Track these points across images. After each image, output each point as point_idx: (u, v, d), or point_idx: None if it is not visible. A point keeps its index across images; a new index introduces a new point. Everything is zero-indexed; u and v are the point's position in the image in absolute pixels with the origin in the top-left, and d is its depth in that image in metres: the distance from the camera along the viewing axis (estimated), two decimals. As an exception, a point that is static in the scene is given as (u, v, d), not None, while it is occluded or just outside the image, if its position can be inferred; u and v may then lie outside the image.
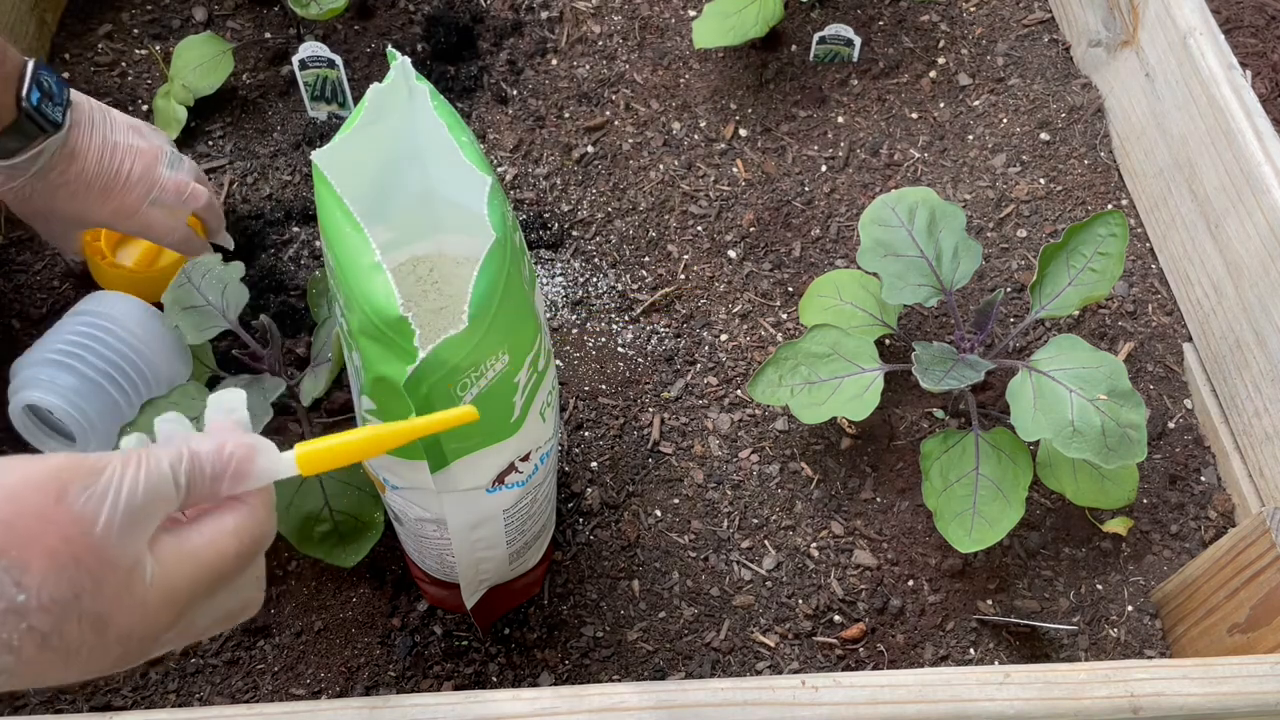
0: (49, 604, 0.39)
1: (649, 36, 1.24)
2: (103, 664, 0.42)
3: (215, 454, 0.46)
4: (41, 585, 0.39)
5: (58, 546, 0.40)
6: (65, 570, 0.40)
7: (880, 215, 0.94)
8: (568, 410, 0.98)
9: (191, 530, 0.46)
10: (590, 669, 0.86)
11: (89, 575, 0.40)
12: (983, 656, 0.87)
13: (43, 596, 0.39)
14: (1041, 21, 1.24)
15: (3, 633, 0.38)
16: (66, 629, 0.40)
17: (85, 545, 0.40)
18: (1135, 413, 0.82)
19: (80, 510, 0.41)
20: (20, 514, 0.39)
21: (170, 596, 0.44)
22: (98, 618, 0.41)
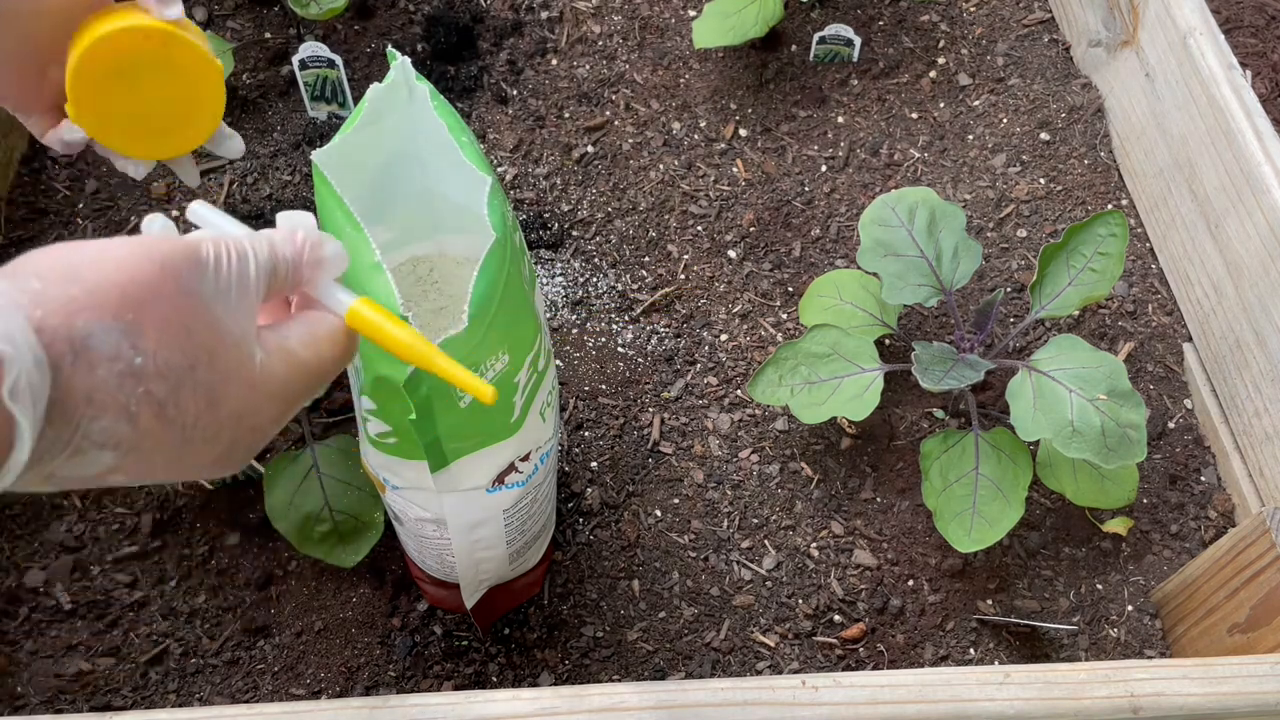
0: (165, 369, 0.40)
1: (649, 36, 1.24)
2: (214, 449, 0.43)
3: (289, 239, 0.47)
4: (157, 349, 0.40)
5: (170, 315, 0.40)
6: (179, 338, 0.40)
7: (880, 215, 0.94)
8: (568, 410, 0.98)
9: (287, 328, 0.47)
10: (590, 669, 0.86)
11: (202, 346, 0.41)
12: (983, 656, 0.87)
13: (159, 361, 0.40)
14: (1041, 21, 1.24)
15: (121, 396, 0.39)
16: (182, 398, 0.41)
17: (196, 316, 0.41)
18: (1135, 413, 0.82)
19: (186, 282, 0.41)
20: (133, 281, 0.40)
21: (275, 387, 0.45)
22: (211, 391, 0.42)
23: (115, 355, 0.38)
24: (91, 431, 0.39)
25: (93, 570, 0.89)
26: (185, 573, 0.89)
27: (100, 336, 0.38)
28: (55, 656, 0.85)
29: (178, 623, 0.87)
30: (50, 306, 0.38)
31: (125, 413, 0.39)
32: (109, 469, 0.40)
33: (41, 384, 0.37)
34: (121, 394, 0.39)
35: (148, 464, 0.41)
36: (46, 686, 0.84)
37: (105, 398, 0.38)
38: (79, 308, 0.38)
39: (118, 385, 0.39)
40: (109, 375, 0.38)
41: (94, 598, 0.87)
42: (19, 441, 0.37)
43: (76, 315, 0.38)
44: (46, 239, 1.07)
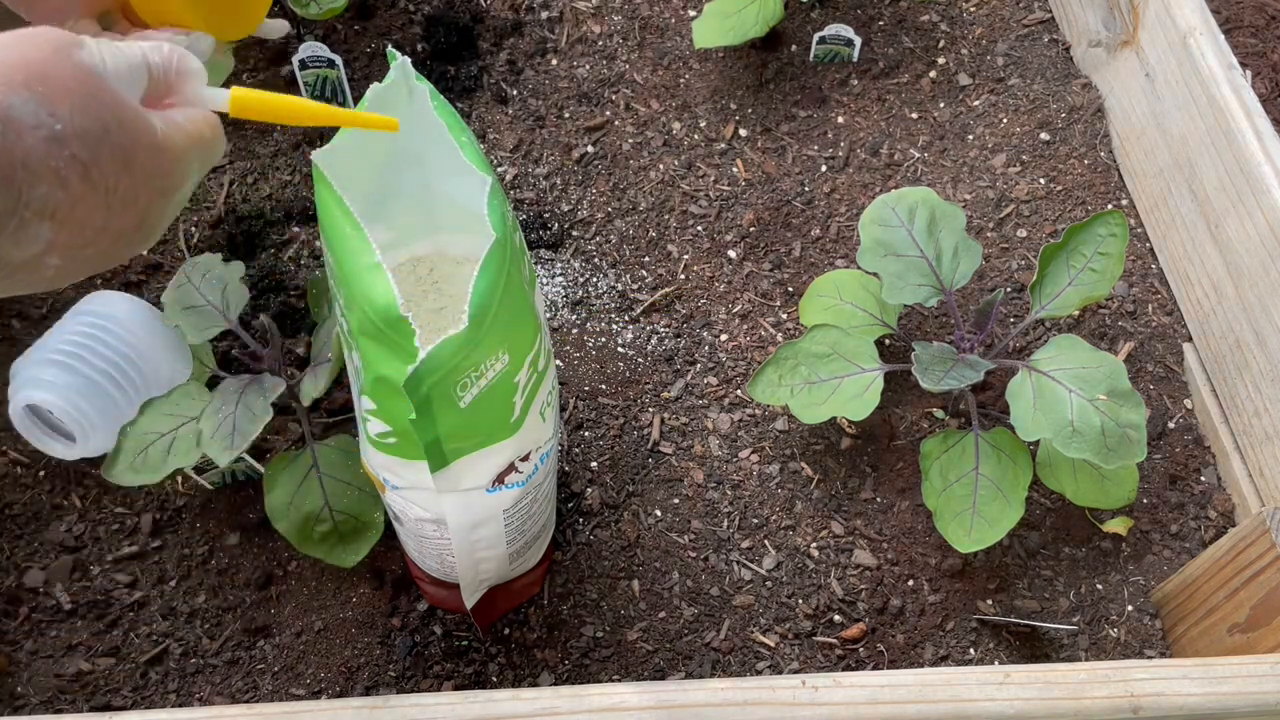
0: (82, 133, 0.43)
1: (649, 36, 1.24)
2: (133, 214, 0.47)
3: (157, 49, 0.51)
4: (72, 115, 0.43)
5: (73, 86, 0.43)
6: (89, 104, 0.44)
7: (880, 215, 0.94)
8: (568, 410, 0.98)
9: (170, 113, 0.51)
10: (590, 669, 0.86)
11: (109, 110, 0.45)
12: (983, 656, 0.87)
13: (75, 126, 0.43)
14: (1041, 21, 1.24)
15: (50, 161, 0.42)
16: (102, 159, 0.44)
17: (96, 86, 0.45)
18: (1135, 413, 0.82)
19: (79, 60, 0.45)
20: (33, 58, 0.43)
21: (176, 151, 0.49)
22: (125, 153, 0.45)
23: (37, 123, 0.42)
24: (31, 199, 0.42)
25: (92, 570, 0.89)
26: (185, 573, 0.89)
27: (20, 106, 0.41)
28: (55, 657, 0.85)
29: (177, 623, 0.87)
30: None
31: (57, 177, 0.42)
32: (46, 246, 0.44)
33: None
34: (50, 159, 0.42)
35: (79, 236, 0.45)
36: (46, 687, 0.84)
37: (37, 164, 0.42)
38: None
39: (45, 151, 0.42)
40: (35, 141, 0.42)
41: (94, 598, 0.87)
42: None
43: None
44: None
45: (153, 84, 0.51)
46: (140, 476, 0.82)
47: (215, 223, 1.09)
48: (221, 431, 0.80)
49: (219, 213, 1.09)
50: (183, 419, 0.83)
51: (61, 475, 0.93)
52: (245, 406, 0.81)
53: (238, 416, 0.81)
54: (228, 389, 0.83)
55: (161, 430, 0.83)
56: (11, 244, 0.42)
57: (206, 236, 1.08)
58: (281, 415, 0.95)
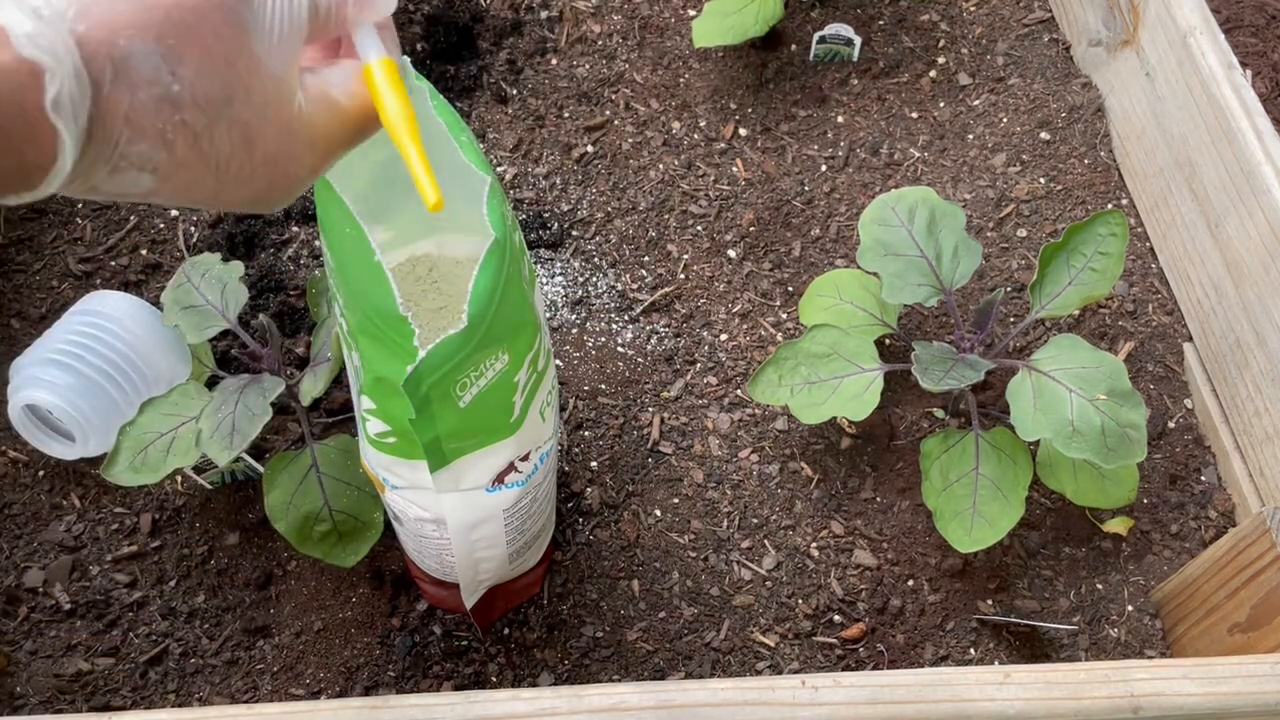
0: (202, 100, 0.40)
1: (649, 36, 1.24)
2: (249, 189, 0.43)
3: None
4: (196, 78, 0.39)
5: (212, 43, 0.40)
6: (218, 68, 0.40)
7: (880, 215, 0.94)
8: (567, 410, 0.98)
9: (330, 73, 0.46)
10: (590, 669, 0.85)
11: (240, 80, 0.41)
12: (983, 656, 0.87)
13: (196, 90, 0.39)
14: (1041, 21, 1.24)
15: (158, 121, 0.39)
16: (217, 133, 0.41)
17: (237, 47, 0.41)
18: (1135, 412, 0.82)
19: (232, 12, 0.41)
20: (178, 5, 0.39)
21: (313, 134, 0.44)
22: (247, 129, 0.41)
23: (153, 79, 0.38)
24: (130, 154, 0.39)
25: (92, 570, 0.89)
26: (184, 573, 0.89)
27: (140, 58, 0.38)
28: (54, 657, 0.85)
29: (177, 623, 0.87)
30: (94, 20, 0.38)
31: (162, 139, 0.39)
32: (148, 191, 0.41)
33: (82, 99, 0.37)
34: (159, 119, 0.39)
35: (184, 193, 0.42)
36: (46, 687, 0.83)
37: (143, 121, 0.39)
38: (122, 25, 0.38)
39: (155, 110, 0.39)
40: (147, 99, 0.38)
41: (93, 598, 0.87)
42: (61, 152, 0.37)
43: (119, 33, 0.38)
44: (45, 238, 1.07)
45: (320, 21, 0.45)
46: (139, 476, 0.82)
47: (214, 222, 1.09)
48: (221, 431, 0.80)
49: (219, 212, 1.09)
50: (182, 419, 0.83)
51: (61, 475, 0.93)
52: (245, 406, 0.81)
53: (237, 416, 0.80)
54: (227, 389, 0.83)
55: (161, 430, 0.83)
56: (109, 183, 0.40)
57: (206, 235, 1.07)
58: (281, 415, 0.95)
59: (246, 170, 0.42)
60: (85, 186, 0.40)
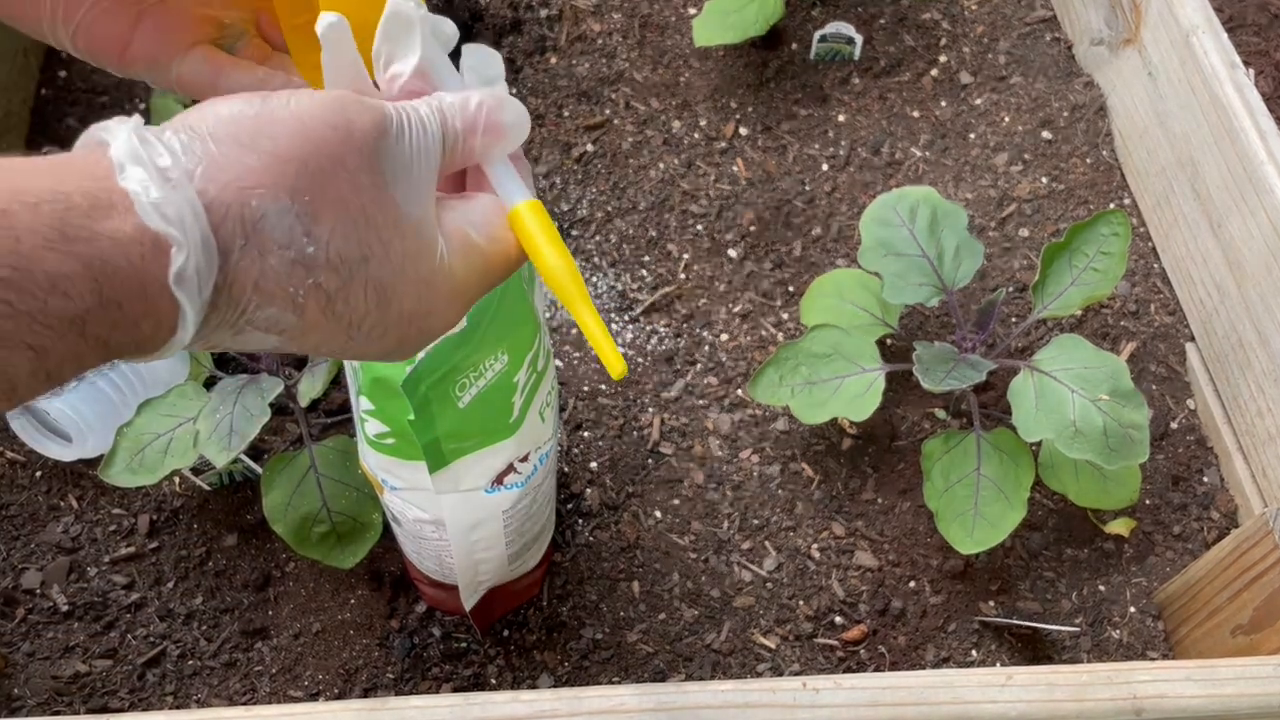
0: (337, 261, 0.36)
1: (649, 35, 1.24)
2: (381, 345, 0.40)
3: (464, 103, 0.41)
4: (331, 238, 0.36)
5: (349, 196, 0.36)
6: (356, 225, 0.37)
7: (881, 214, 0.94)
8: (567, 410, 0.98)
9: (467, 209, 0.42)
10: (590, 671, 0.85)
11: (378, 236, 0.37)
12: (985, 658, 0.87)
13: (331, 252, 0.36)
14: (1043, 20, 1.24)
15: (289, 286, 0.36)
16: (352, 293, 0.37)
17: (375, 198, 0.37)
18: (1137, 413, 0.81)
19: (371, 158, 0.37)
20: (316, 153, 0.36)
21: (453, 286, 0.40)
22: (382, 288, 0.38)
23: (288, 242, 0.35)
24: (256, 319, 0.36)
25: (89, 572, 0.88)
26: (182, 574, 0.89)
27: (274, 219, 0.35)
28: (52, 658, 0.85)
29: (175, 624, 0.86)
30: (224, 179, 0.34)
31: (292, 303, 0.36)
32: (274, 348, 0.38)
33: (208, 270, 0.34)
34: (290, 283, 0.36)
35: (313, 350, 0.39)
36: (43, 688, 0.83)
37: (272, 287, 0.35)
38: (254, 183, 0.35)
39: (287, 274, 0.35)
40: (280, 263, 0.35)
41: (91, 599, 0.87)
42: (182, 326, 0.35)
43: (251, 193, 0.35)
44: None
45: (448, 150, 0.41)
46: (137, 477, 0.81)
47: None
48: (219, 432, 0.80)
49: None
50: (180, 419, 0.83)
51: (58, 476, 0.93)
52: (243, 407, 0.81)
53: (235, 417, 0.80)
54: (225, 389, 0.83)
55: (159, 431, 0.83)
56: (231, 342, 0.37)
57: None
58: (279, 416, 0.94)
59: (380, 328, 0.39)
60: (205, 346, 0.37)
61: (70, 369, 0.33)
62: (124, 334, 0.33)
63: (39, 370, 0.32)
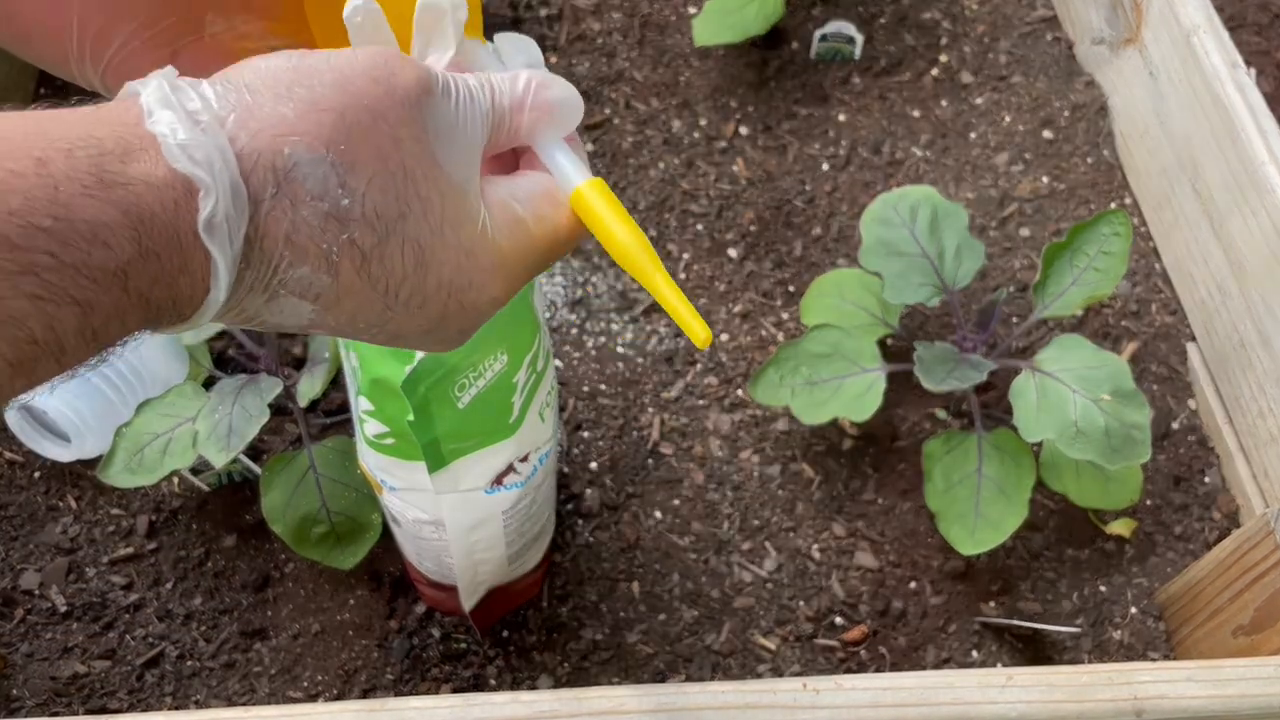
0: (373, 216, 0.35)
1: (649, 34, 1.24)
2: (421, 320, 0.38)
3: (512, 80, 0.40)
4: (368, 191, 0.35)
5: (388, 151, 0.35)
6: (394, 180, 0.35)
7: (882, 214, 0.94)
8: (567, 410, 0.98)
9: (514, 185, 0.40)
10: (590, 672, 0.85)
11: (417, 193, 0.36)
12: (985, 659, 0.87)
13: (367, 206, 0.35)
14: (1044, 19, 1.24)
15: (322, 241, 0.34)
16: (388, 253, 0.36)
17: (416, 154, 0.36)
18: (1139, 413, 0.81)
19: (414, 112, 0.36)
20: (354, 104, 0.35)
21: (495, 260, 0.39)
22: (420, 249, 0.36)
23: (321, 193, 0.34)
24: (289, 279, 0.35)
25: (88, 572, 0.88)
26: (181, 575, 0.88)
27: (307, 169, 0.34)
28: (50, 659, 0.84)
29: (174, 625, 0.86)
30: (257, 126, 0.33)
31: (326, 262, 0.35)
32: (310, 322, 0.37)
33: (239, 218, 0.33)
34: (323, 239, 0.34)
35: (350, 323, 0.37)
36: (42, 689, 0.83)
37: (305, 241, 0.34)
38: (288, 131, 0.34)
39: (320, 228, 0.34)
40: (312, 215, 0.34)
41: (89, 600, 0.87)
42: (215, 281, 0.33)
43: (284, 141, 0.34)
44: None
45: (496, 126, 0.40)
46: (136, 478, 0.81)
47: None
48: (218, 432, 0.80)
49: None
50: (179, 420, 0.83)
51: (57, 476, 0.93)
52: (242, 407, 0.80)
53: (234, 417, 0.80)
54: (224, 389, 0.82)
55: (157, 431, 0.82)
56: (265, 310, 0.36)
57: (204, 236, 1.07)
58: (278, 416, 0.94)
59: (419, 296, 0.37)
60: (242, 317, 0.36)
61: (115, 328, 0.32)
62: (164, 290, 0.33)
63: (85, 328, 0.31)
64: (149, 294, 0.32)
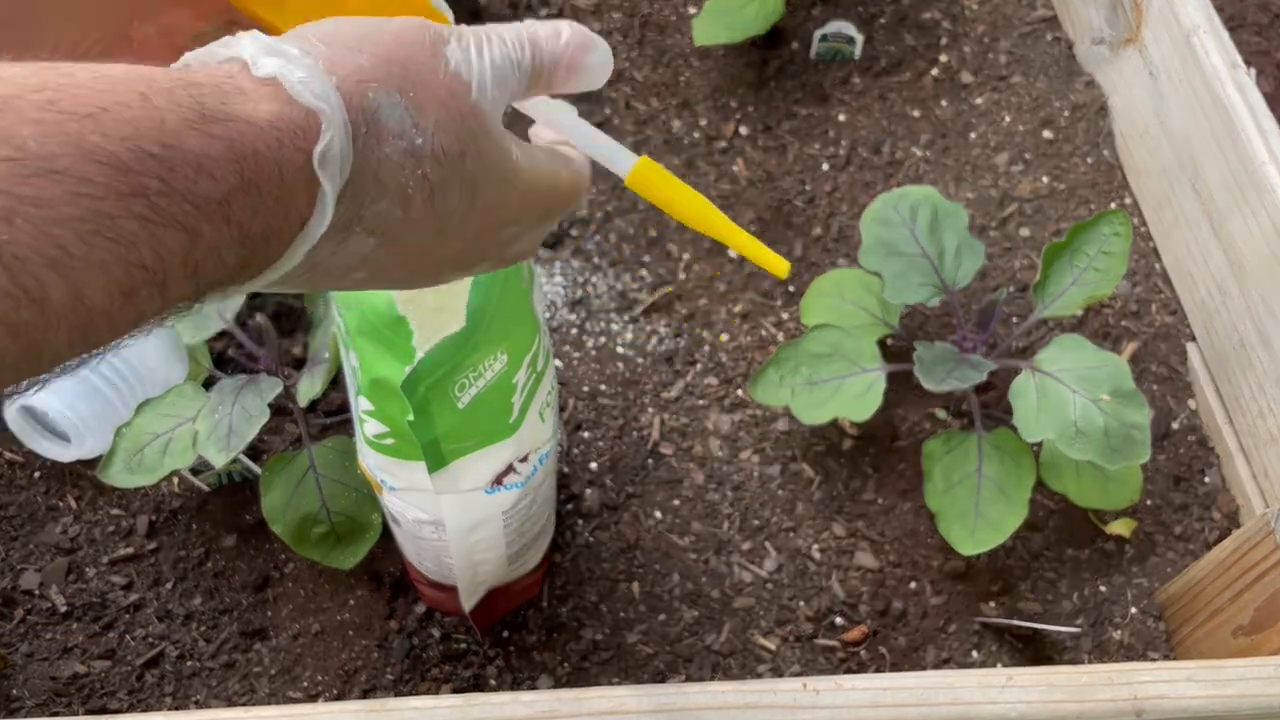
0: (440, 153, 0.39)
1: (649, 34, 1.24)
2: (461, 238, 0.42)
3: (553, 36, 0.44)
4: (436, 131, 0.39)
5: (445, 98, 0.39)
6: (454, 122, 0.39)
7: (882, 214, 0.94)
8: (567, 410, 0.98)
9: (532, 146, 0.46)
10: (590, 672, 0.85)
11: (470, 133, 0.40)
12: (985, 659, 0.87)
13: (436, 144, 0.39)
14: (1044, 19, 1.24)
15: (401, 175, 0.38)
16: (450, 186, 0.40)
17: (466, 104, 0.40)
18: (1138, 413, 0.81)
19: (455, 66, 0.40)
20: (412, 59, 0.38)
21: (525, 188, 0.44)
22: (474, 182, 0.41)
23: (401, 131, 0.37)
24: (368, 215, 0.38)
25: (88, 572, 0.88)
26: (181, 575, 0.88)
27: (389, 110, 0.37)
28: (50, 659, 0.84)
29: (174, 625, 0.86)
30: (343, 72, 0.36)
31: (403, 195, 0.38)
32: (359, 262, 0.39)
33: (348, 152, 0.36)
34: (402, 174, 0.38)
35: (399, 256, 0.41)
36: (42, 689, 0.83)
37: (388, 177, 0.37)
38: (368, 77, 0.37)
39: (400, 164, 0.38)
40: (395, 152, 0.37)
41: (89, 600, 0.87)
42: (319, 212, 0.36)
43: (367, 85, 0.37)
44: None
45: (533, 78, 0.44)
46: (136, 478, 0.81)
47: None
48: (218, 432, 0.79)
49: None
50: (179, 420, 0.83)
51: (57, 476, 0.92)
52: (242, 407, 0.80)
53: (234, 417, 0.80)
54: (224, 389, 0.82)
55: (157, 431, 0.82)
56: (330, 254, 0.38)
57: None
58: (278, 416, 0.94)
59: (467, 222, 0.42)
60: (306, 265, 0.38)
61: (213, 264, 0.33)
62: (262, 221, 0.34)
63: (189, 259, 0.32)
64: (249, 225, 0.34)
